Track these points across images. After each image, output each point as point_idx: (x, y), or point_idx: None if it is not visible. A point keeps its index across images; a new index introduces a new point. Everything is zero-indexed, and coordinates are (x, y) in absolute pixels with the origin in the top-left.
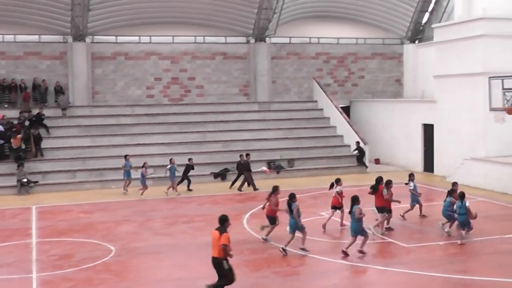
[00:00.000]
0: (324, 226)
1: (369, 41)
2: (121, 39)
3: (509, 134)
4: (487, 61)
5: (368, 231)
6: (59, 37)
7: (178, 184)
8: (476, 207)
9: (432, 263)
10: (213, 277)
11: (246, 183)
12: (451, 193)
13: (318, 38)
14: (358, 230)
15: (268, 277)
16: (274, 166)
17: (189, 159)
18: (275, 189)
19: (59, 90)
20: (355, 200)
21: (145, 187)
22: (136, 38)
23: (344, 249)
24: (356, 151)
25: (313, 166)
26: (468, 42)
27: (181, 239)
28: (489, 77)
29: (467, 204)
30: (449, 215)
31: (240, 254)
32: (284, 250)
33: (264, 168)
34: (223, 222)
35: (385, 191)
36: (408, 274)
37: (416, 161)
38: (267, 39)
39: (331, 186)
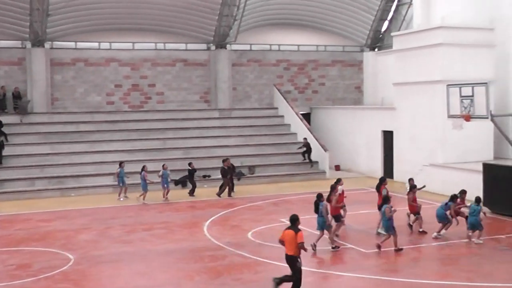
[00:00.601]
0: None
1: (329, 48)
2: (80, 45)
3: (467, 140)
4: (445, 69)
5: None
6: (17, 42)
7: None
8: (435, 213)
9: (392, 268)
10: (173, 284)
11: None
12: (453, 198)
13: (279, 45)
14: (389, 227)
15: (228, 284)
16: (235, 173)
17: (190, 163)
18: (335, 185)
19: (18, 96)
20: (385, 200)
21: (145, 191)
22: (96, 44)
23: (380, 243)
24: (303, 148)
25: (273, 172)
26: (426, 51)
27: (141, 247)
28: (447, 85)
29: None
30: (444, 217)
31: (201, 261)
32: (314, 246)
33: None
34: (294, 221)
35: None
36: (368, 279)
37: (376, 167)
38: (227, 46)
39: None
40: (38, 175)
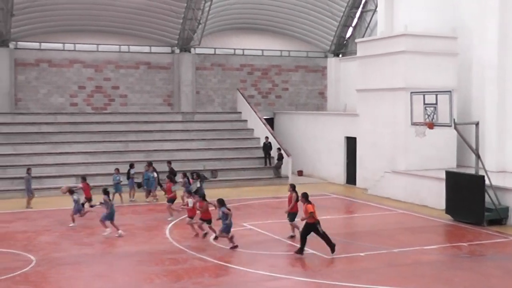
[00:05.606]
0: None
1: (293, 54)
2: (45, 45)
3: (429, 148)
4: (408, 77)
5: None
6: None
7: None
8: (396, 219)
9: (354, 274)
10: (133, 287)
11: None
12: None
13: (243, 49)
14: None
15: (188, 287)
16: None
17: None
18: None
19: None
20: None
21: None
22: (60, 45)
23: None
24: (277, 159)
25: (235, 177)
26: (389, 58)
27: (101, 249)
28: (411, 92)
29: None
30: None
31: (161, 264)
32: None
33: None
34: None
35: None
36: (330, 285)
37: (339, 173)
38: (191, 49)
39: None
40: (0, 175)
